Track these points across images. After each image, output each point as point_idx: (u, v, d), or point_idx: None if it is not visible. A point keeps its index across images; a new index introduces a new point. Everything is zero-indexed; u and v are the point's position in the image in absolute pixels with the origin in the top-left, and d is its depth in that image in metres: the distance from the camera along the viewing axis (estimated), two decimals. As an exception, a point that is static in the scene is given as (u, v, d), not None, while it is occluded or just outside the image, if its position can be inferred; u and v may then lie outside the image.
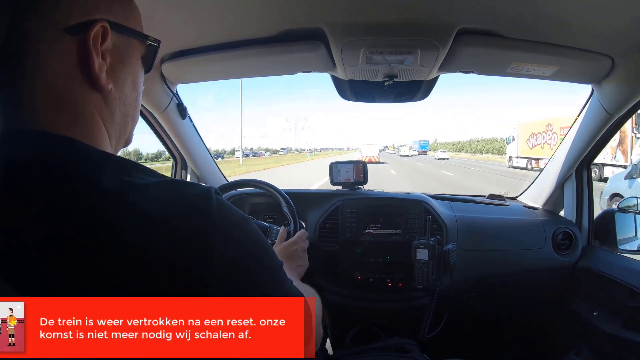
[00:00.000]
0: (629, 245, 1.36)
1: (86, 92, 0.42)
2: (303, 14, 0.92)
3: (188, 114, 1.45)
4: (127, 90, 0.47)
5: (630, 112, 1.18)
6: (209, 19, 0.94)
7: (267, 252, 0.45)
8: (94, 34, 0.41)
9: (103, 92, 0.43)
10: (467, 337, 1.64)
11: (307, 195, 1.60)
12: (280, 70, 1.26)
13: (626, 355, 1.16)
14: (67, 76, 0.41)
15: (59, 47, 0.40)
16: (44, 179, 0.37)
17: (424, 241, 1.29)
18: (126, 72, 0.46)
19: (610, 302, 1.26)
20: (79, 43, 0.40)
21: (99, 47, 0.41)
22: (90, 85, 0.42)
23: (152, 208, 0.37)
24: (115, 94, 0.45)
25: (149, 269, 0.35)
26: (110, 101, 0.45)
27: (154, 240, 0.36)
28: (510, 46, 1.01)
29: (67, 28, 0.40)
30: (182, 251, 0.36)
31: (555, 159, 1.51)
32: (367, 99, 1.44)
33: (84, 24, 0.40)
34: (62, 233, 0.35)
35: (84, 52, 0.41)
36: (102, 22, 0.41)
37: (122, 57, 0.45)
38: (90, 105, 0.43)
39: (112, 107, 0.45)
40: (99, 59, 0.42)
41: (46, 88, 0.40)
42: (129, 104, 0.47)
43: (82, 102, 0.42)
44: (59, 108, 0.41)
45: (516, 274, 1.45)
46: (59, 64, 0.40)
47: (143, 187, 0.38)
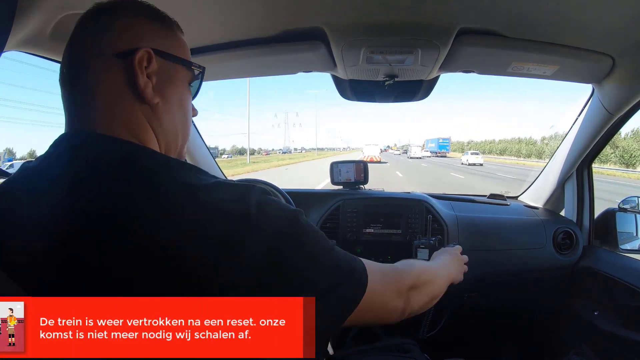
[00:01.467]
0: (629, 245, 1.36)
1: (135, 104, 0.51)
2: (303, 14, 0.92)
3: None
4: (175, 108, 0.55)
5: (631, 111, 1.17)
6: (209, 19, 0.94)
7: (314, 237, 0.49)
8: (138, 58, 0.50)
9: (151, 105, 0.52)
10: (468, 336, 1.64)
11: (307, 194, 1.60)
12: (281, 70, 1.26)
13: (627, 354, 1.16)
14: (120, 91, 0.50)
15: (112, 68, 0.50)
16: (111, 174, 0.43)
17: (424, 241, 1.29)
18: (172, 91, 0.54)
19: (611, 301, 1.26)
20: (127, 65, 0.50)
21: (143, 68, 0.50)
22: (137, 99, 0.51)
23: (204, 206, 0.42)
24: (163, 108, 0.53)
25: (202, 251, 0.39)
26: (159, 113, 0.53)
27: (204, 232, 0.40)
28: (510, 46, 1.00)
29: (117, 54, 0.50)
30: (230, 232, 0.41)
31: (556, 159, 1.50)
32: (367, 98, 1.44)
33: (131, 51, 0.50)
34: (129, 226, 0.39)
35: (131, 71, 0.50)
36: (146, 49, 0.51)
37: (169, 78, 0.54)
38: (140, 115, 0.51)
39: (161, 119, 0.53)
40: (143, 77, 0.50)
41: (104, 100, 0.49)
42: (177, 120, 0.56)
43: (133, 112, 0.51)
44: (115, 116, 0.50)
45: (517, 273, 1.45)
46: (112, 82, 0.50)
47: (201, 188, 0.43)
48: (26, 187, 0.45)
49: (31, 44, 0.77)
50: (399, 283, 0.63)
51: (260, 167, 22.99)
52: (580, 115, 1.33)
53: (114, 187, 0.41)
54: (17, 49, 0.77)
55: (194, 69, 0.58)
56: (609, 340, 1.22)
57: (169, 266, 0.37)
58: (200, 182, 0.44)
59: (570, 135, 1.39)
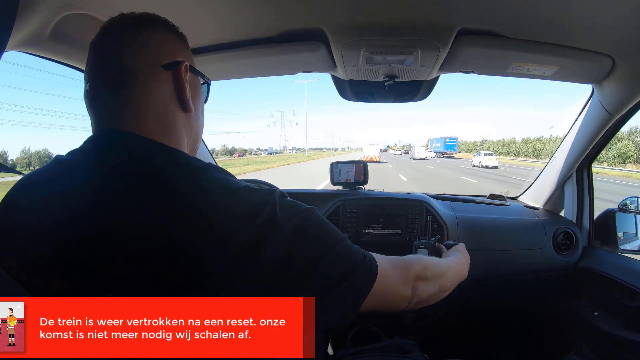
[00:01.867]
0: (629, 245, 1.36)
1: (178, 112, 0.56)
2: (303, 15, 0.92)
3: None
4: (199, 115, 0.61)
5: (631, 112, 1.17)
6: (209, 19, 0.94)
7: (326, 230, 0.52)
8: (184, 69, 0.55)
9: (188, 114, 0.57)
10: (468, 337, 1.64)
11: (307, 195, 1.60)
12: (281, 70, 1.26)
13: (626, 355, 1.16)
14: (166, 100, 0.54)
15: (158, 78, 0.53)
16: (151, 174, 0.46)
17: (424, 241, 1.29)
18: (199, 100, 0.61)
19: (611, 302, 1.26)
20: (174, 75, 0.55)
21: (186, 79, 0.55)
22: (181, 107, 0.56)
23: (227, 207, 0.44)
24: (194, 116, 0.59)
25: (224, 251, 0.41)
26: (192, 121, 0.59)
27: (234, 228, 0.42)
28: (510, 46, 1.00)
29: (164, 65, 0.54)
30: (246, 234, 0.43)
31: (556, 159, 1.50)
32: (367, 99, 1.44)
33: (175, 62, 0.55)
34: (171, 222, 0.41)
35: (179, 82, 0.55)
36: (186, 62, 0.56)
37: (196, 89, 0.60)
38: (180, 123, 0.56)
39: (192, 126, 0.59)
40: (188, 87, 0.56)
41: (152, 108, 0.53)
42: (199, 125, 0.61)
43: (175, 120, 0.55)
44: (162, 124, 0.53)
45: (516, 273, 1.45)
46: (160, 91, 0.54)
47: (221, 189, 0.46)
48: (65, 180, 0.48)
49: (31, 43, 0.77)
50: (407, 271, 0.65)
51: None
52: (580, 116, 1.33)
53: (168, 193, 0.44)
54: (16, 49, 0.77)
55: (206, 81, 0.64)
56: (609, 340, 1.22)
57: (192, 266, 0.39)
58: (237, 184, 0.48)
59: (570, 136, 1.39)
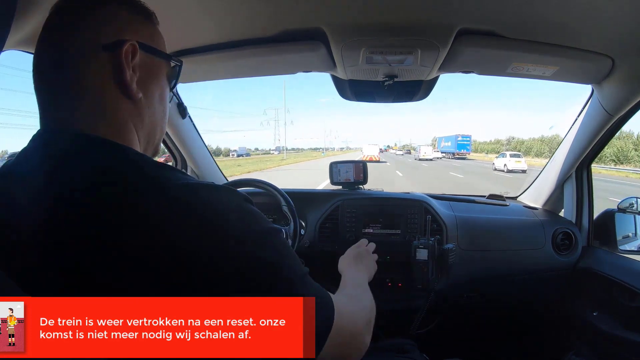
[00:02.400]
0: (628, 246, 1.36)
1: (120, 100, 0.49)
2: (303, 14, 0.92)
3: (188, 114, 1.45)
4: (156, 103, 0.54)
5: (631, 112, 1.18)
6: (209, 19, 0.94)
7: (288, 262, 0.46)
8: (125, 50, 0.48)
9: (134, 100, 0.50)
10: (467, 337, 1.64)
11: (307, 195, 1.60)
12: (281, 70, 1.26)
13: (626, 355, 1.16)
14: (104, 86, 0.48)
15: (97, 62, 0.47)
16: (83, 176, 0.41)
17: (423, 241, 1.29)
18: (154, 85, 0.53)
19: (610, 302, 1.26)
20: (114, 58, 0.48)
21: (129, 61, 0.48)
22: (122, 93, 0.49)
23: (183, 207, 0.40)
24: (145, 103, 0.52)
25: (175, 261, 0.38)
26: (141, 109, 0.51)
27: (184, 236, 0.39)
28: (510, 46, 1.00)
29: (104, 45, 0.47)
30: (200, 246, 0.39)
31: (556, 159, 1.51)
32: (367, 98, 1.44)
33: (117, 43, 0.48)
34: (102, 225, 0.38)
35: (118, 65, 0.48)
36: (131, 42, 0.48)
37: (151, 72, 0.52)
38: (124, 112, 0.49)
39: (142, 115, 0.52)
40: (129, 71, 0.48)
41: (88, 96, 0.47)
42: (157, 114, 0.54)
43: (117, 108, 0.49)
44: (98, 113, 0.47)
45: (516, 274, 1.45)
46: (97, 76, 0.47)
47: (178, 187, 0.42)
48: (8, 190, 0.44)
49: (30, 43, 0.77)
50: (362, 319, 0.60)
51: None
52: (580, 116, 1.33)
53: (113, 192, 0.40)
54: (15, 48, 0.77)
55: (173, 62, 0.57)
56: (608, 340, 1.22)
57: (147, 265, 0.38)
58: (188, 181, 0.43)
59: (570, 136, 1.39)
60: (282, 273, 0.44)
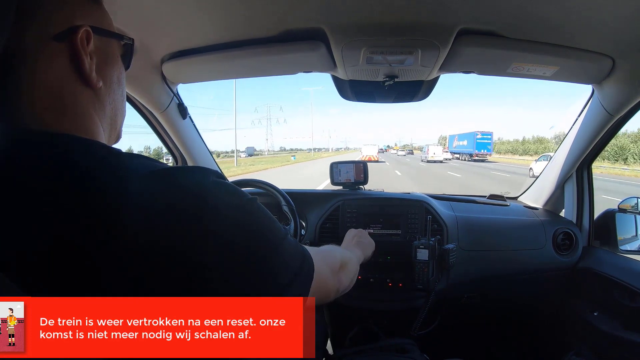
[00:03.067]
0: (629, 246, 1.36)
1: (81, 90, 0.46)
2: (303, 14, 0.92)
3: (189, 114, 1.45)
4: (114, 87, 0.51)
5: (631, 112, 1.17)
6: (209, 19, 0.94)
7: (269, 227, 0.48)
8: (80, 38, 0.45)
9: (95, 90, 0.47)
10: (467, 337, 1.64)
11: (307, 195, 1.60)
12: (281, 70, 1.26)
13: (626, 355, 1.16)
14: (62, 78, 0.44)
15: (50, 53, 0.43)
16: (48, 176, 0.39)
17: (424, 241, 1.29)
18: (112, 70, 0.50)
19: (611, 302, 1.26)
20: (69, 47, 0.44)
21: (86, 49, 0.45)
22: (83, 84, 0.46)
23: (151, 196, 0.39)
24: (105, 90, 0.49)
25: (150, 255, 0.37)
26: (102, 97, 0.49)
27: (153, 227, 0.38)
28: (510, 46, 1.00)
29: (55, 35, 0.44)
30: (179, 235, 0.38)
31: (556, 159, 1.50)
32: (367, 99, 1.44)
33: (70, 30, 0.44)
34: (69, 227, 0.36)
35: (75, 54, 0.44)
36: (85, 27, 0.45)
37: (106, 56, 0.49)
38: (85, 102, 0.46)
39: (104, 102, 0.49)
40: (88, 59, 0.45)
41: (44, 90, 0.43)
42: (117, 99, 0.52)
43: (78, 100, 0.46)
44: (59, 108, 0.44)
45: (516, 274, 1.45)
46: (53, 68, 0.44)
47: (143, 176, 0.41)
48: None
49: None
50: (334, 265, 0.68)
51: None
52: (580, 116, 1.33)
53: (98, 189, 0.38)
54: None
55: (125, 42, 0.53)
56: (609, 340, 1.22)
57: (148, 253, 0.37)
58: (156, 167, 0.42)
59: (570, 136, 1.39)
60: (264, 241, 0.45)
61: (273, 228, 0.48)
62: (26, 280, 0.36)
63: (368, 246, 1.06)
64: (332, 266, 0.67)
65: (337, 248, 0.85)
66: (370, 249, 1.07)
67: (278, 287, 0.45)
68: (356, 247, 1.01)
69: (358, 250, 0.97)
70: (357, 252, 0.95)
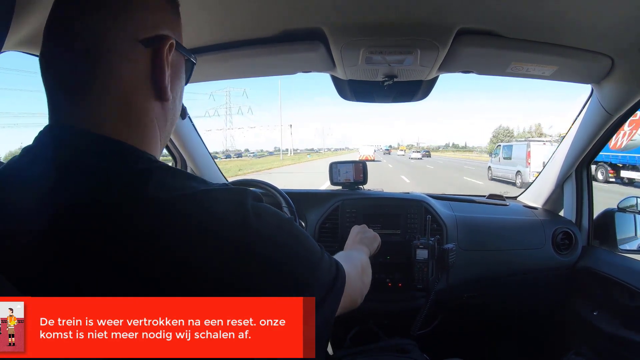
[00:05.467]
0: (628, 245, 1.36)
1: (149, 100, 0.44)
2: (303, 14, 0.92)
3: (188, 114, 1.45)
4: (177, 103, 0.49)
5: (630, 111, 1.18)
6: (208, 19, 0.94)
7: (307, 247, 0.47)
8: (167, 47, 0.43)
9: (164, 103, 0.46)
10: (467, 337, 1.64)
11: (307, 195, 1.60)
12: (280, 70, 1.26)
13: (626, 355, 1.16)
14: (137, 85, 0.43)
15: (133, 58, 0.42)
16: (87, 183, 0.38)
17: (423, 241, 1.29)
18: (179, 85, 0.49)
19: (610, 302, 1.26)
20: (153, 55, 0.43)
21: (168, 60, 0.44)
22: (155, 95, 0.44)
23: (190, 220, 0.38)
24: (171, 104, 0.47)
25: (188, 276, 0.37)
26: (167, 111, 0.47)
27: (191, 250, 0.37)
28: (509, 46, 1.00)
29: (143, 40, 0.42)
30: (221, 259, 0.38)
31: (555, 159, 1.51)
32: (366, 98, 1.44)
33: (158, 38, 0.43)
34: (103, 239, 0.36)
35: (158, 64, 0.43)
36: (172, 39, 0.44)
37: (178, 71, 0.48)
38: (152, 114, 0.45)
39: (167, 116, 0.47)
40: (169, 71, 0.44)
41: (115, 94, 0.42)
42: (175, 115, 0.50)
43: (146, 111, 0.44)
44: (124, 115, 0.42)
45: (516, 273, 1.45)
46: (131, 74, 0.42)
47: (183, 198, 0.39)
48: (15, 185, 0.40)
49: (30, 44, 0.77)
50: (358, 270, 0.68)
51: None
52: (579, 116, 1.33)
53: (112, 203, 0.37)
54: (15, 49, 0.76)
55: (191, 60, 0.52)
56: (608, 340, 1.22)
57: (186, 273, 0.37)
58: (197, 188, 0.41)
59: (570, 136, 1.39)
60: (304, 261, 0.45)
61: (311, 247, 0.47)
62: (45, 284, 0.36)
63: (373, 240, 1.05)
64: (357, 273, 0.67)
65: (354, 252, 0.84)
66: (376, 243, 1.06)
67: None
68: (361, 244, 1.00)
69: (365, 247, 0.97)
70: (365, 249, 0.95)
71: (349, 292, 0.53)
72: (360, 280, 0.67)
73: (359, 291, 0.65)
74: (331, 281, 0.49)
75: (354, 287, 0.61)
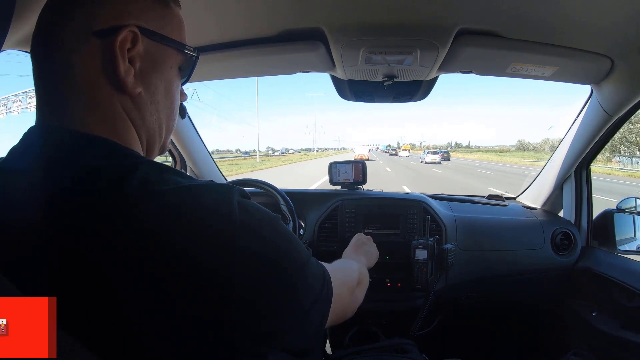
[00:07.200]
0: (627, 246, 1.36)
1: (113, 94, 0.43)
2: (303, 14, 0.91)
3: (187, 114, 1.45)
4: (160, 97, 0.47)
5: (630, 112, 1.18)
6: (208, 19, 0.93)
7: (294, 246, 0.46)
8: (121, 39, 0.42)
9: (131, 95, 0.44)
10: (466, 337, 1.64)
11: (306, 195, 1.60)
12: (280, 70, 1.26)
13: (625, 355, 1.16)
14: (96, 78, 0.42)
15: (88, 50, 0.41)
16: (73, 177, 0.38)
17: (422, 241, 1.29)
18: (158, 78, 0.47)
19: (609, 302, 1.26)
20: (106, 47, 0.42)
21: (125, 51, 0.42)
22: (116, 88, 0.43)
23: (176, 213, 0.37)
24: (146, 98, 0.46)
25: (174, 268, 0.36)
26: (141, 105, 0.45)
27: (175, 242, 0.36)
28: (509, 46, 1.00)
29: (96, 32, 0.41)
30: (206, 251, 0.37)
31: (555, 160, 1.51)
32: (366, 99, 1.44)
33: (113, 29, 0.42)
34: (88, 233, 0.36)
35: (110, 56, 0.42)
36: (131, 28, 0.42)
37: (155, 63, 0.46)
38: (118, 106, 0.44)
39: (143, 110, 0.46)
40: (125, 63, 0.42)
41: (77, 88, 0.42)
42: (162, 110, 0.48)
43: (110, 103, 0.43)
44: (89, 108, 0.42)
45: (515, 274, 1.45)
46: (88, 66, 0.42)
47: (168, 192, 0.38)
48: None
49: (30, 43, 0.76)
50: (352, 283, 0.69)
51: None
52: (579, 117, 1.33)
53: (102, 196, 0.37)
54: (15, 48, 0.76)
55: (187, 52, 0.50)
56: (607, 340, 1.22)
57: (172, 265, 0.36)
58: (182, 182, 0.40)
59: (569, 137, 1.39)
60: (291, 259, 0.44)
61: (298, 247, 0.47)
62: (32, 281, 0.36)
63: (374, 256, 1.08)
64: (350, 285, 0.67)
65: (353, 263, 0.83)
66: (374, 260, 1.08)
67: (301, 312, 0.44)
68: (364, 255, 1.00)
69: (366, 260, 0.98)
70: (365, 262, 0.95)
71: (336, 304, 0.53)
72: (352, 295, 0.67)
73: (348, 306, 0.65)
74: (318, 291, 0.48)
75: (342, 301, 0.60)
